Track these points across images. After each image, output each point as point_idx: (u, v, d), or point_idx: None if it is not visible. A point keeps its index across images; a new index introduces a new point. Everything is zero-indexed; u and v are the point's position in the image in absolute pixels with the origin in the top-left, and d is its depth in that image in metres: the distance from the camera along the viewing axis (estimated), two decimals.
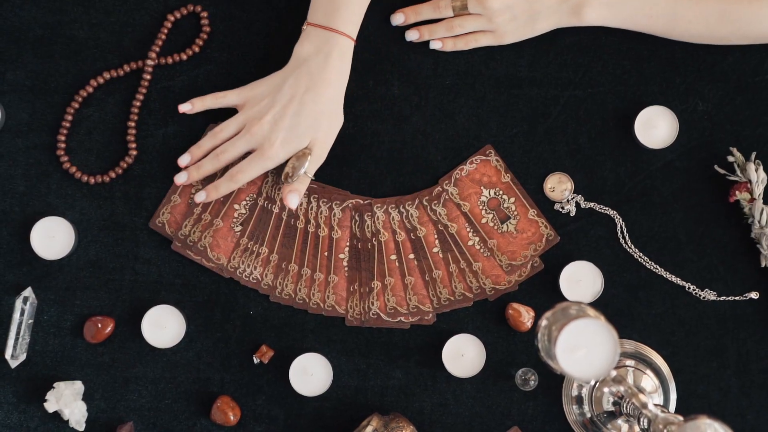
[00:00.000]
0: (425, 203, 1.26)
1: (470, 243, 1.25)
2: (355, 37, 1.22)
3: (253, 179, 1.23)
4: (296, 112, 1.20)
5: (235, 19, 1.28)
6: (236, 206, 1.26)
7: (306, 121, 1.20)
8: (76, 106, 1.26)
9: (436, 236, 1.26)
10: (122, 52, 1.28)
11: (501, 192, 1.26)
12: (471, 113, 1.28)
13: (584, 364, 0.96)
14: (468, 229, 1.26)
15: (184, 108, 1.24)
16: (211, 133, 1.23)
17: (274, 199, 1.25)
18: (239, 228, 1.25)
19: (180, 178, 1.23)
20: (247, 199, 1.26)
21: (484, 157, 1.27)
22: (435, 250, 1.26)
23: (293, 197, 1.21)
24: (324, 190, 1.26)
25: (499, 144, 1.27)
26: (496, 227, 1.26)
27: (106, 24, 1.28)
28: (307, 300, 1.25)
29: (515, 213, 1.26)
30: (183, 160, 1.24)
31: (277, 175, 1.25)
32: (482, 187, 1.26)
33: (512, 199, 1.26)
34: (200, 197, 1.23)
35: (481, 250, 1.25)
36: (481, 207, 1.26)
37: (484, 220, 1.26)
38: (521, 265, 1.25)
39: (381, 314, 1.24)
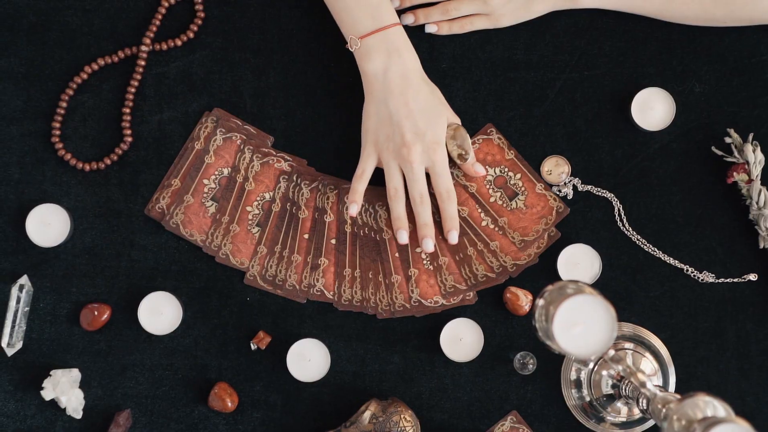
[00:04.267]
0: (432, 190, 1.25)
1: (483, 224, 1.25)
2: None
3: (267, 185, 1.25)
4: (419, 112, 1.19)
5: (230, 4, 1.28)
6: (249, 208, 1.25)
7: (429, 110, 1.20)
8: (71, 92, 1.26)
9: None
10: (116, 38, 1.28)
11: (507, 169, 1.26)
12: (467, 97, 1.27)
13: (582, 341, 0.96)
14: (479, 210, 1.25)
15: (353, 211, 1.21)
16: (393, 201, 1.21)
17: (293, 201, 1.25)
18: (256, 230, 1.25)
19: (428, 246, 1.21)
20: (259, 199, 1.26)
21: (486, 136, 1.26)
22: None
23: (479, 166, 1.23)
24: (371, 192, 1.25)
25: (496, 127, 1.27)
26: (505, 205, 1.25)
27: (100, 10, 1.27)
28: (334, 293, 1.25)
29: (523, 189, 1.25)
30: (403, 238, 1.21)
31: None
32: (487, 166, 1.26)
33: (518, 176, 1.25)
34: (454, 237, 1.22)
35: (496, 229, 1.25)
36: (488, 186, 1.26)
37: (492, 199, 1.25)
38: (534, 240, 1.24)
39: (422, 300, 1.24)
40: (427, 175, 1.22)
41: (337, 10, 1.21)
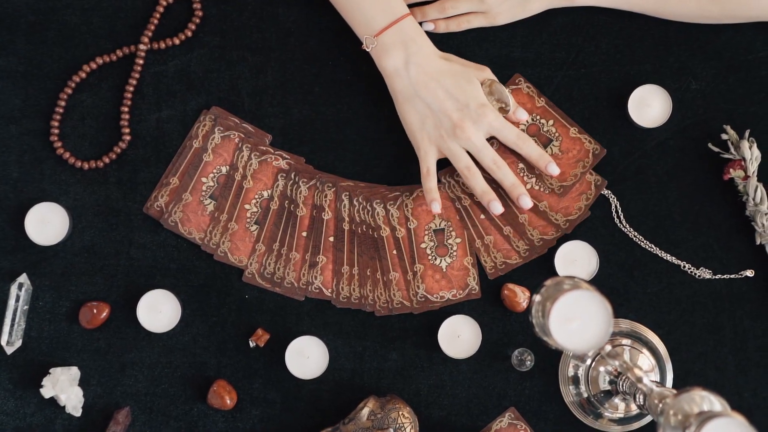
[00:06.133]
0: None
1: (528, 186, 1.25)
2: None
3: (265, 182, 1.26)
4: (452, 87, 1.19)
5: (228, 2, 1.28)
6: (247, 206, 1.26)
7: (459, 81, 1.20)
8: (69, 91, 1.27)
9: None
10: (115, 37, 1.28)
11: (538, 117, 1.26)
12: None
13: (578, 337, 0.96)
14: (522, 174, 1.25)
15: (437, 209, 1.20)
16: (471, 179, 1.20)
17: (293, 199, 1.26)
18: (254, 227, 1.26)
19: (527, 202, 1.21)
20: (257, 197, 1.26)
21: (514, 86, 1.26)
22: (482, 216, 1.25)
23: (521, 111, 1.23)
24: (369, 190, 1.26)
25: (524, 76, 1.28)
26: None
27: (98, 9, 1.28)
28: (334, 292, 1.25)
29: (556, 135, 1.25)
30: (497, 208, 1.21)
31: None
32: None
33: (551, 122, 1.26)
34: (555, 169, 1.21)
35: (542, 189, 1.24)
36: None
37: None
38: (572, 185, 1.24)
39: (428, 296, 1.24)
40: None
41: (349, 10, 1.22)
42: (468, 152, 1.21)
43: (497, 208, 1.21)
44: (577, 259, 1.24)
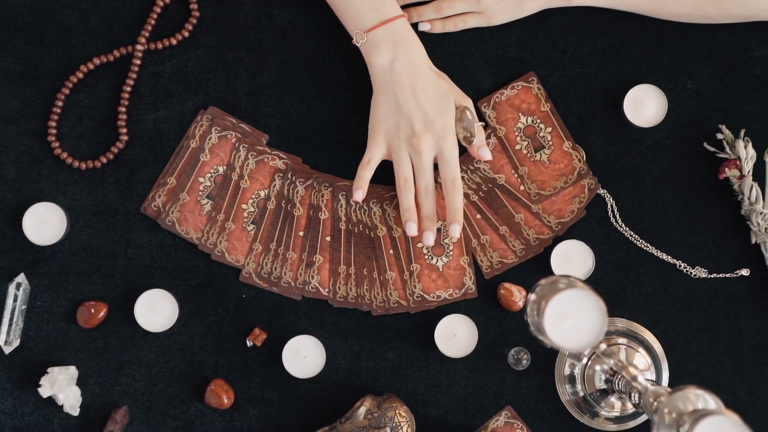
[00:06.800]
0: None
1: (522, 188, 1.26)
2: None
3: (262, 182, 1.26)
4: (428, 101, 1.19)
5: (225, 3, 1.29)
6: (244, 206, 1.26)
7: (437, 99, 1.20)
8: (67, 92, 1.27)
9: (482, 194, 1.26)
10: (112, 37, 1.28)
11: (539, 120, 1.26)
12: None
13: (573, 335, 0.97)
14: (516, 176, 1.25)
15: (359, 197, 1.20)
16: (403, 192, 1.20)
17: (289, 198, 1.26)
18: (252, 227, 1.26)
19: (429, 240, 1.20)
20: (254, 197, 1.26)
21: (526, 84, 1.27)
22: (478, 216, 1.26)
23: (485, 150, 1.21)
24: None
25: (538, 76, 1.28)
26: (529, 155, 1.26)
27: (95, 9, 1.28)
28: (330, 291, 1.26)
29: (550, 143, 1.26)
30: (411, 230, 1.20)
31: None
32: (520, 114, 1.26)
33: (549, 129, 1.26)
34: (455, 231, 1.19)
35: (521, 186, 1.25)
36: (516, 133, 1.26)
37: (518, 147, 1.26)
38: (549, 196, 1.25)
39: (425, 295, 1.25)
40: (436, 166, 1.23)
41: (341, 6, 1.22)
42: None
43: (412, 229, 1.20)
44: (573, 258, 1.25)
